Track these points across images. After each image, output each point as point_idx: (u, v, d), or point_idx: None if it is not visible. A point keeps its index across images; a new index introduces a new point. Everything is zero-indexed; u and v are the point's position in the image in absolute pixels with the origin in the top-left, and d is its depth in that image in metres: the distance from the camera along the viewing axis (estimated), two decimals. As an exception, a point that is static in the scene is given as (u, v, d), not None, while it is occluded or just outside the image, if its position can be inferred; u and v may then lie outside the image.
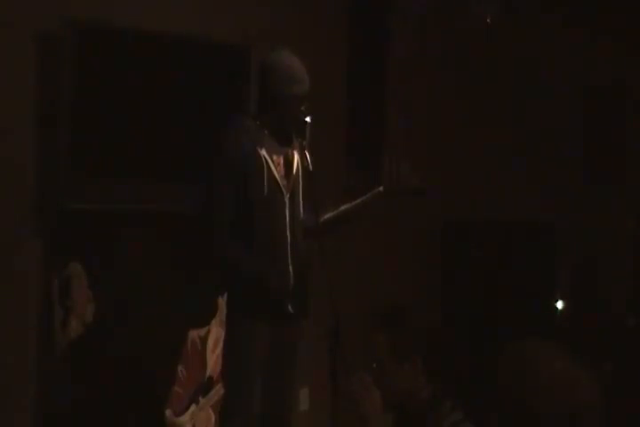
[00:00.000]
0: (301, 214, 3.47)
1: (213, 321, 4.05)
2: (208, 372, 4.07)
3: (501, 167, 5.57)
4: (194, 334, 4.02)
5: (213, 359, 4.05)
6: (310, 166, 3.41)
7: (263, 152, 3.37)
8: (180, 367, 3.97)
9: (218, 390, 4.03)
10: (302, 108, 3.40)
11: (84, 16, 3.66)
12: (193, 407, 4.01)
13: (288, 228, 3.41)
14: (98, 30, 3.69)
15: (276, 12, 4.47)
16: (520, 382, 1.55)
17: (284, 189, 3.41)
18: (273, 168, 3.38)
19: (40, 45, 3.63)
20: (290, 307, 3.40)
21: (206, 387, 4.06)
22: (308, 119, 3.44)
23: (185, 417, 3.98)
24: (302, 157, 3.47)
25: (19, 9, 3.58)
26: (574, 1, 5.54)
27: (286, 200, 3.42)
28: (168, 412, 3.93)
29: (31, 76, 3.63)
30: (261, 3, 4.43)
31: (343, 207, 3.55)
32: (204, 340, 4.04)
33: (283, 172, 3.43)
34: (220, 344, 3.77)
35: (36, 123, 3.65)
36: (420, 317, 2.67)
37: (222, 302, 3.82)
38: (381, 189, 3.64)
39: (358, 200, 3.58)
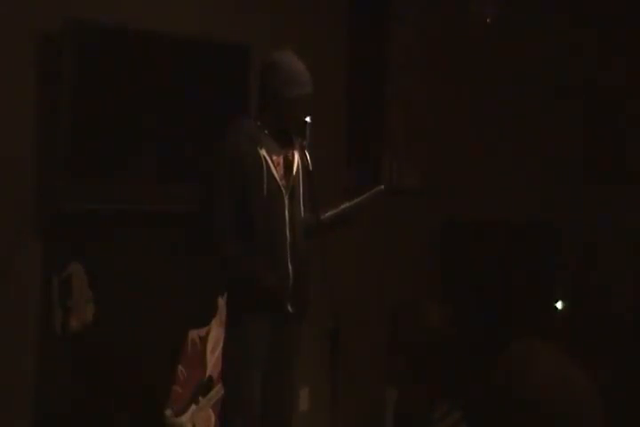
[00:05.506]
0: (301, 214, 3.47)
1: (213, 321, 4.05)
2: (208, 372, 4.07)
3: (501, 167, 5.57)
4: (194, 334, 4.02)
5: (213, 359, 4.05)
6: (310, 166, 3.41)
7: (263, 152, 3.36)
8: (180, 367, 3.97)
9: (218, 390, 4.03)
10: (305, 112, 3.39)
11: (83, 16, 3.66)
12: (193, 407, 4.01)
13: (288, 228, 3.41)
14: (98, 30, 3.70)
15: (276, 12, 4.47)
16: (520, 382, 1.54)
17: (283, 189, 3.41)
18: (272, 168, 3.38)
19: (40, 45, 3.63)
20: (289, 307, 3.40)
21: (206, 387, 4.06)
22: (308, 119, 3.43)
23: (185, 417, 3.98)
24: (302, 157, 3.46)
25: (19, 9, 3.58)
26: (574, 1, 5.54)
27: (286, 200, 3.42)
28: (168, 412, 3.93)
29: (31, 76, 3.63)
30: (261, 3, 4.43)
31: (344, 206, 3.54)
32: (204, 340, 4.04)
33: (282, 172, 3.43)
34: (220, 344, 3.76)
35: (36, 123, 3.65)
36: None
37: (222, 302, 3.82)
38: (382, 187, 3.63)
39: (359, 198, 3.56)
